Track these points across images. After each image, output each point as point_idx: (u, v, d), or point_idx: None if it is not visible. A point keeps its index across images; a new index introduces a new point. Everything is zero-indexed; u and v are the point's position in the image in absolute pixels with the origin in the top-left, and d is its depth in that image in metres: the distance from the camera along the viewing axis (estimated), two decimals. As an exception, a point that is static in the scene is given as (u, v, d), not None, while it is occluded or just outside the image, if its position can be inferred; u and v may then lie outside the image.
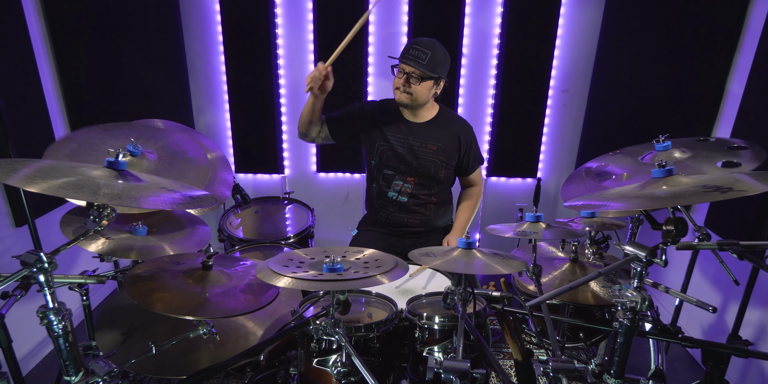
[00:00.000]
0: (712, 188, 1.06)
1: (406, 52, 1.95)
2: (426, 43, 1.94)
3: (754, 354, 1.21)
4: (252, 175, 3.27)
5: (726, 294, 2.31)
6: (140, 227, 1.58)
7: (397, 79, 2.00)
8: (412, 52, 1.93)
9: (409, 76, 1.95)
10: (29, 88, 2.36)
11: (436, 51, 1.94)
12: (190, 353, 1.41)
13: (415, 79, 1.94)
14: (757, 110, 2.16)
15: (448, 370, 1.02)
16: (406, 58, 1.94)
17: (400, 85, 1.99)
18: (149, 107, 2.82)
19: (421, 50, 1.92)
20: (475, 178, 2.27)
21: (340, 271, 1.18)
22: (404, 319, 1.48)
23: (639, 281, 1.18)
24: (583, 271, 1.66)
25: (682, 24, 2.51)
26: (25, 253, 1.11)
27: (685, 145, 1.59)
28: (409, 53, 1.94)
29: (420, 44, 1.94)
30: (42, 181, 1.04)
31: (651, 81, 2.65)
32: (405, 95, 1.99)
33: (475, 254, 1.27)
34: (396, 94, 2.03)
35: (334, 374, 1.30)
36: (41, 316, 1.13)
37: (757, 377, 2.09)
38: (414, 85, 1.96)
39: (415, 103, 2.02)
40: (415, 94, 1.98)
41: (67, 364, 1.19)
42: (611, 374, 1.24)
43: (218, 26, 2.90)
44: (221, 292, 1.31)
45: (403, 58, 1.95)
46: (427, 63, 1.92)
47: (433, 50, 1.93)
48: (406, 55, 1.94)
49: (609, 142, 2.73)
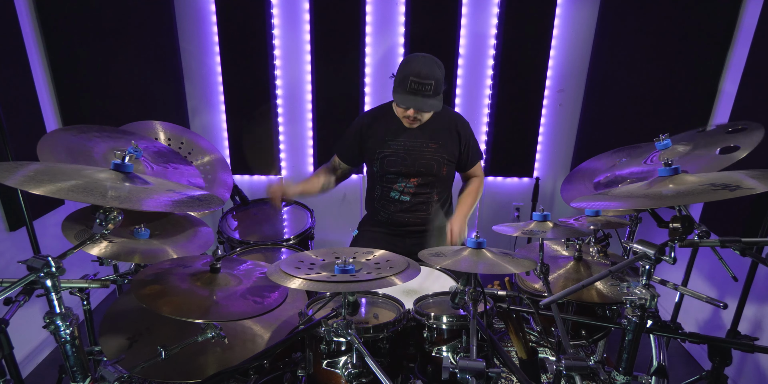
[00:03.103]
0: (720, 186, 1.08)
1: (406, 87, 1.84)
2: (425, 73, 1.82)
3: (760, 349, 1.23)
4: (248, 177, 3.25)
5: (721, 290, 2.35)
6: (142, 230, 1.56)
7: (403, 111, 1.94)
8: (413, 85, 1.83)
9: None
10: (23, 90, 2.32)
11: (436, 73, 1.85)
12: (197, 357, 1.39)
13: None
14: (750, 109, 2.19)
15: (464, 370, 1.02)
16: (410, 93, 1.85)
17: (408, 116, 1.95)
18: (144, 109, 2.79)
19: (423, 82, 1.82)
20: (476, 171, 2.28)
21: (352, 272, 1.18)
22: (412, 320, 1.48)
23: (647, 279, 1.19)
24: (587, 269, 1.67)
25: (676, 24, 2.54)
26: (32, 258, 1.09)
27: (684, 138, 1.60)
28: (411, 88, 1.84)
29: (420, 76, 1.82)
30: (50, 183, 1.03)
31: (646, 80, 2.69)
32: (415, 122, 2.00)
33: (485, 254, 1.28)
34: (404, 122, 2.02)
35: (344, 376, 1.30)
36: (48, 321, 1.11)
37: (752, 371, 2.12)
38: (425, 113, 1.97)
39: (425, 121, 2.04)
40: (424, 118, 2.00)
41: (74, 370, 1.17)
42: (620, 371, 1.26)
43: (214, 26, 2.88)
44: (229, 294, 1.29)
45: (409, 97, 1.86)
46: (432, 93, 1.85)
47: (433, 75, 1.83)
48: (408, 90, 1.85)
49: (604, 141, 2.74)
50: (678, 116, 2.67)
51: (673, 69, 2.61)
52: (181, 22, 2.87)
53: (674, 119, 2.68)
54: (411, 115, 1.95)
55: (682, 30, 2.53)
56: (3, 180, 1.02)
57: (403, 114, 1.97)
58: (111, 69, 2.65)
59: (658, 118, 2.71)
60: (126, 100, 2.74)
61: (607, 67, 2.78)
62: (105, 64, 2.63)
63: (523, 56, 2.89)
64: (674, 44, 2.57)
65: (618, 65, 2.74)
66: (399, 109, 1.98)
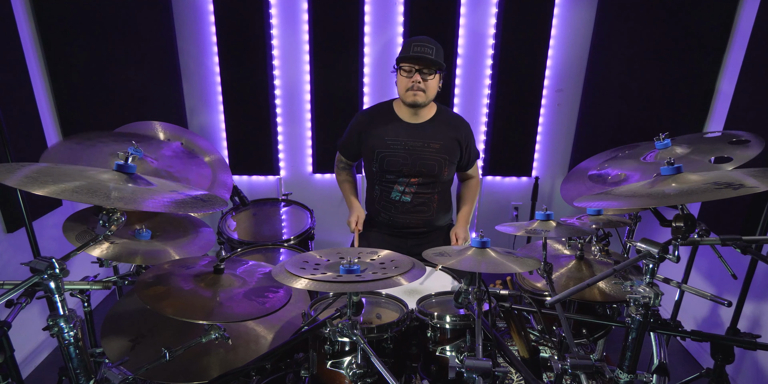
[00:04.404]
0: (724, 185, 1.08)
1: (410, 50, 1.93)
2: (425, 39, 1.96)
3: (762, 346, 1.24)
4: (247, 177, 3.23)
5: (719, 288, 2.36)
6: (144, 231, 1.55)
7: (406, 80, 1.96)
8: (417, 48, 1.92)
9: (421, 72, 1.93)
10: (20, 90, 2.30)
11: (436, 44, 1.97)
12: (201, 358, 1.38)
13: (426, 73, 1.94)
14: (747, 108, 2.21)
15: (471, 370, 1.02)
16: (416, 53, 1.92)
17: (412, 84, 1.95)
18: (142, 109, 2.77)
19: (425, 45, 1.93)
20: (473, 172, 2.30)
21: (358, 272, 1.17)
22: (415, 319, 1.48)
23: (651, 277, 1.20)
24: (589, 267, 1.67)
25: (674, 24, 2.56)
26: (35, 260, 1.08)
27: (686, 141, 1.61)
28: (414, 50, 1.92)
29: (420, 41, 1.95)
30: (53, 184, 1.02)
31: (643, 80, 2.70)
32: (419, 94, 1.96)
33: (489, 253, 1.28)
34: (407, 96, 1.99)
35: (349, 376, 1.30)
36: (51, 323, 1.10)
37: (751, 369, 2.14)
38: (429, 81, 1.95)
39: (428, 99, 2.01)
40: (428, 90, 1.97)
41: (77, 373, 1.16)
42: (624, 369, 1.26)
43: (212, 26, 2.87)
44: (233, 295, 1.29)
45: (414, 54, 1.92)
46: (434, 56, 1.93)
47: (434, 43, 1.96)
48: (414, 52, 1.92)
49: (602, 140, 2.78)
50: (675, 116, 2.69)
51: (670, 69, 2.62)
52: (179, 22, 2.86)
53: (671, 118, 2.70)
54: (416, 81, 1.94)
55: (679, 30, 2.55)
56: (6, 180, 1.01)
57: (407, 85, 1.96)
58: (109, 69, 2.63)
59: (656, 117, 2.73)
60: (124, 100, 2.72)
61: (605, 67, 2.80)
62: (103, 64, 2.62)
63: (521, 56, 2.90)
64: (672, 44, 2.58)
65: (616, 65, 2.76)
66: (403, 79, 1.97)
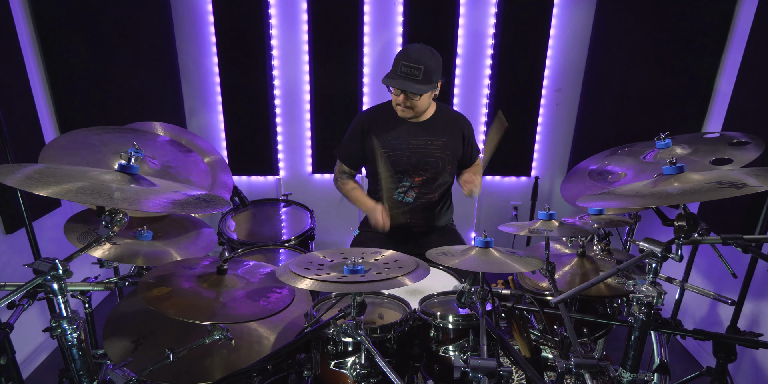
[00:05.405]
0: (726, 184, 1.09)
1: (397, 70, 1.88)
2: (415, 57, 1.86)
3: (764, 344, 1.25)
4: (246, 177, 3.23)
5: (719, 287, 2.37)
6: (145, 232, 1.55)
7: (395, 96, 1.96)
8: (404, 69, 1.86)
9: (406, 94, 1.91)
10: (18, 91, 2.29)
11: (428, 60, 1.87)
12: (203, 359, 1.38)
13: (412, 96, 1.92)
14: (746, 108, 2.22)
15: (476, 369, 1.02)
16: (399, 77, 1.87)
17: (400, 103, 1.95)
18: (141, 109, 2.76)
19: (413, 66, 1.85)
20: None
21: (362, 272, 1.17)
22: (417, 319, 1.48)
23: (654, 276, 1.20)
24: (592, 265, 1.67)
25: (672, 24, 2.57)
26: (38, 261, 1.07)
27: (686, 141, 1.62)
28: (401, 72, 1.87)
29: (410, 60, 1.86)
30: (56, 185, 1.02)
31: (642, 80, 2.71)
32: (407, 111, 1.98)
33: (492, 253, 1.28)
34: (397, 110, 2.00)
35: (352, 376, 1.29)
36: (54, 325, 1.10)
37: (750, 368, 2.15)
38: (414, 101, 1.94)
39: (418, 114, 2.02)
40: (416, 108, 1.97)
41: (80, 374, 1.16)
42: (627, 368, 1.27)
43: (211, 27, 2.86)
44: (236, 296, 1.29)
45: (397, 80, 1.88)
46: (422, 78, 1.86)
47: (424, 62, 1.85)
48: (398, 74, 1.87)
49: (601, 140, 2.78)
50: (674, 115, 2.69)
51: (669, 69, 2.63)
52: (178, 22, 2.85)
53: (670, 118, 2.70)
54: (401, 101, 1.94)
55: (678, 30, 2.56)
56: (7, 181, 1.01)
57: (395, 102, 1.98)
58: (107, 69, 2.62)
59: (655, 117, 2.74)
60: (123, 100, 2.71)
61: (604, 66, 2.80)
62: (102, 64, 2.61)
63: (520, 56, 2.90)
64: (670, 44, 2.59)
65: (614, 65, 2.77)
66: (392, 96, 1.98)
